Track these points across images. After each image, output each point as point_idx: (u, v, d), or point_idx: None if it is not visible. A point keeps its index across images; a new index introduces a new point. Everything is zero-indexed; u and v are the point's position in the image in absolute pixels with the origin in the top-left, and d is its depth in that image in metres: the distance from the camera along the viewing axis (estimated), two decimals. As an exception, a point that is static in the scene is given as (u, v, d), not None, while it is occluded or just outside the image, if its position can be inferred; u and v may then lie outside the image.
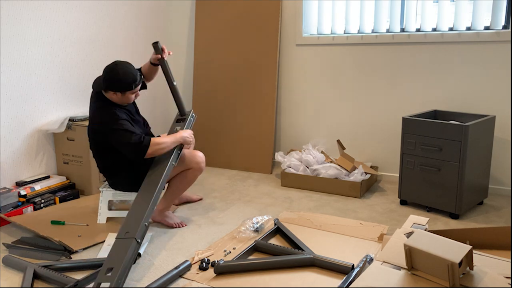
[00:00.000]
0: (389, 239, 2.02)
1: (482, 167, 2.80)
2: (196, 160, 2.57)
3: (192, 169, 2.58)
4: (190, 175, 2.59)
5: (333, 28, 3.50)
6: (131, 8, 3.72)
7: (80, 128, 3.08)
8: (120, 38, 3.65)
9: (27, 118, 3.00)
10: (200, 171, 2.60)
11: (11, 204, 2.73)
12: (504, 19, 2.94)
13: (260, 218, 2.55)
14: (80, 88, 3.35)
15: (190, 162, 2.57)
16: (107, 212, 2.66)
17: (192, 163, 2.57)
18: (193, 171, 2.58)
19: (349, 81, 3.49)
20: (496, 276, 1.63)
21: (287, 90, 3.74)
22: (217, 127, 3.88)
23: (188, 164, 2.57)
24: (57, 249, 2.30)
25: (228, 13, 3.77)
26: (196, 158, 2.58)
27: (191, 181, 2.62)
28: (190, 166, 2.57)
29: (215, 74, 3.87)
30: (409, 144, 2.80)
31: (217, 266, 2.05)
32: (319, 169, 3.22)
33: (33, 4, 2.95)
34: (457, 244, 1.65)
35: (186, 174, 2.58)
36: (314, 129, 3.69)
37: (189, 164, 2.57)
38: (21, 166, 3.00)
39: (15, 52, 2.88)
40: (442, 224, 2.63)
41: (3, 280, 2.04)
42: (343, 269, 2.04)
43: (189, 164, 2.57)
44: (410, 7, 3.21)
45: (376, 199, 3.06)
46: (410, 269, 1.70)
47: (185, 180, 2.60)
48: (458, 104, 3.15)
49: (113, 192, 2.65)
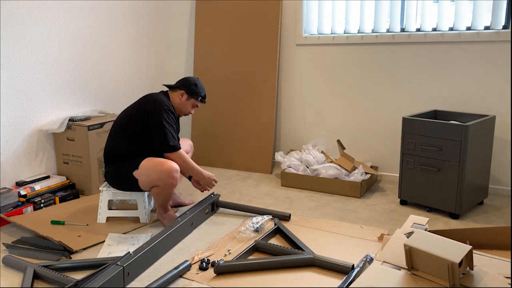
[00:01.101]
0: (389, 239, 2.02)
1: (482, 167, 2.80)
2: (162, 177, 2.42)
3: (159, 186, 2.46)
4: (163, 191, 2.48)
5: (333, 28, 3.50)
6: (131, 8, 3.72)
7: (80, 128, 3.08)
8: (120, 38, 3.65)
9: (27, 118, 3.00)
10: (171, 186, 2.46)
11: (11, 204, 2.73)
12: (504, 19, 2.94)
13: (260, 218, 2.55)
14: (80, 88, 3.35)
15: (158, 180, 2.43)
16: (107, 212, 2.66)
17: (159, 180, 2.43)
18: (162, 188, 2.46)
19: (349, 81, 3.49)
20: (496, 276, 1.63)
21: (287, 90, 3.74)
22: (217, 127, 3.88)
23: (155, 181, 2.44)
24: (57, 249, 2.30)
25: (228, 13, 3.77)
26: (163, 174, 2.42)
27: (167, 194, 2.51)
28: (157, 183, 2.45)
29: (215, 74, 3.87)
30: (409, 144, 2.80)
31: (217, 266, 2.05)
32: (319, 169, 3.22)
33: (33, 4, 2.95)
34: (457, 244, 1.65)
35: (158, 190, 2.48)
36: (314, 129, 3.69)
37: (157, 181, 2.44)
38: (21, 166, 3.00)
39: (15, 52, 2.88)
40: (442, 224, 2.63)
41: (3, 280, 2.04)
42: (343, 269, 2.04)
43: (156, 182, 2.44)
44: (410, 7, 3.21)
45: (376, 199, 3.06)
46: (410, 269, 1.70)
47: (162, 194, 2.50)
48: (458, 104, 3.15)
49: (113, 192, 2.65)
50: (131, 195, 2.65)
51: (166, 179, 2.43)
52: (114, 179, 2.57)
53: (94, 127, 3.10)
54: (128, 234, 2.51)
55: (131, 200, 2.79)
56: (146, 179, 2.47)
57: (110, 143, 2.60)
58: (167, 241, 2.30)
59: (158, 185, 2.46)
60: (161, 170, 2.42)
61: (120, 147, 2.56)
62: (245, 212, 2.78)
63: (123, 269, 1.94)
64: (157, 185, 2.46)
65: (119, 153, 2.57)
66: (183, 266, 2.07)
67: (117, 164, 2.57)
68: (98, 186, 3.12)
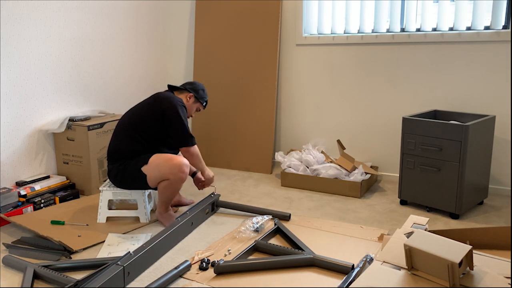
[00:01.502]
0: (389, 239, 2.02)
1: (482, 167, 2.80)
2: (172, 171, 2.47)
3: (169, 180, 2.50)
4: (172, 185, 2.51)
5: (333, 28, 3.50)
6: (131, 8, 3.72)
7: (80, 128, 3.08)
8: (120, 38, 3.65)
9: (27, 118, 3.00)
10: (180, 181, 2.51)
11: (11, 204, 2.73)
12: (504, 19, 2.94)
13: (260, 218, 2.55)
14: (80, 88, 3.35)
15: (168, 174, 2.48)
16: (107, 212, 2.66)
17: (170, 174, 2.48)
18: (172, 182, 2.50)
19: (349, 81, 3.49)
20: (496, 276, 1.63)
21: (287, 90, 3.74)
22: (217, 127, 3.88)
23: (165, 174, 2.49)
24: (57, 249, 2.30)
25: (228, 13, 3.77)
26: (174, 168, 2.47)
27: (175, 189, 2.55)
28: (167, 177, 2.50)
29: (215, 74, 3.87)
30: (409, 144, 2.80)
31: (217, 266, 2.05)
32: (319, 169, 3.22)
33: (33, 4, 2.95)
34: (457, 244, 1.65)
35: (167, 184, 2.51)
36: (314, 129, 3.69)
37: (167, 175, 2.49)
38: (21, 166, 3.00)
39: (15, 52, 2.88)
40: (442, 224, 2.63)
41: (3, 280, 2.04)
42: (343, 269, 2.04)
43: (167, 175, 2.49)
44: (410, 7, 3.21)
45: (376, 199, 3.06)
46: (410, 269, 1.70)
47: (169, 188, 2.53)
48: (458, 104, 3.15)
49: (113, 192, 2.65)
50: (131, 194, 2.65)
51: (177, 173, 2.48)
52: (118, 177, 2.58)
53: (94, 127, 3.10)
54: (128, 234, 2.51)
55: (131, 200, 2.79)
56: (156, 174, 2.50)
57: (116, 142, 2.61)
58: (167, 241, 2.30)
59: (169, 179, 2.49)
60: (172, 164, 2.48)
61: (127, 146, 2.57)
62: (245, 212, 2.78)
63: (123, 269, 1.94)
64: (167, 178, 2.50)
65: (126, 150, 2.57)
66: (183, 266, 2.08)
67: (123, 161, 2.58)
68: (98, 186, 3.12)
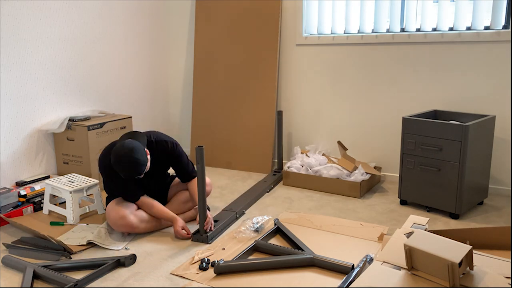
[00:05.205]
0: (389, 239, 2.02)
1: (482, 167, 2.80)
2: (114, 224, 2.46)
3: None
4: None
5: (333, 28, 3.50)
6: (131, 8, 3.72)
7: (80, 128, 3.08)
8: (120, 38, 3.65)
9: (27, 118, 3.00)
10: (124, 230, 2.47)
11: (11, 204, 2.73)
12: (504, 19, 2.94)
13: (260, 218, 2.55)
14: (80, 88, 3.35)
15: (112, 225, 2.47)
16: (48, 205, 2.77)
17: (113, 225, 2.47)
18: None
19: (349, 81, 3.49)
20: (496, 276, 1.63)
21: (287, 90, 3.74)
22: (217, 127, 3.88)
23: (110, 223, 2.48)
24: (57, 249, 2.30)
25: (228, 13, 3.77)
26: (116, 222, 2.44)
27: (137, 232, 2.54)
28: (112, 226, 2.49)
29: (215, 74, 3.87)
30: (409, 144, 2.80)
31: (217, 266, 2.05)
32: (320, 170, 3.23)
33: (33, 4, 2.95)
34: (457, 244, 1.65)
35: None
36: (314, 129, 3.69)
37: (111, 225, 2.47)
38: (21, 166, 3.00)
39: (15, 52, 2.88)
40: (442, 224, 2.63)
41: (3, 280, 2.04)
42: (343, 269, 2.04)
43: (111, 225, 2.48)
44: (410, 7, 3.21)
45: (376, 199, 3.06)
46: (410, 269, 1.70)
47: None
48: (458, 104, 3.15)
49: (52, 187, 2.74)
50: (61, 192, 2.71)
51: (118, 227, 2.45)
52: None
53: (94, 127, 3.10)
54: (94, 224, 2.63)
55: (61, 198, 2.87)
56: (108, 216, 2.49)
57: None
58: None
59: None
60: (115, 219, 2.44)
61: (112, 190, 2.58)
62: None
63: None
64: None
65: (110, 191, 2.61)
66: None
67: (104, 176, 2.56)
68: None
